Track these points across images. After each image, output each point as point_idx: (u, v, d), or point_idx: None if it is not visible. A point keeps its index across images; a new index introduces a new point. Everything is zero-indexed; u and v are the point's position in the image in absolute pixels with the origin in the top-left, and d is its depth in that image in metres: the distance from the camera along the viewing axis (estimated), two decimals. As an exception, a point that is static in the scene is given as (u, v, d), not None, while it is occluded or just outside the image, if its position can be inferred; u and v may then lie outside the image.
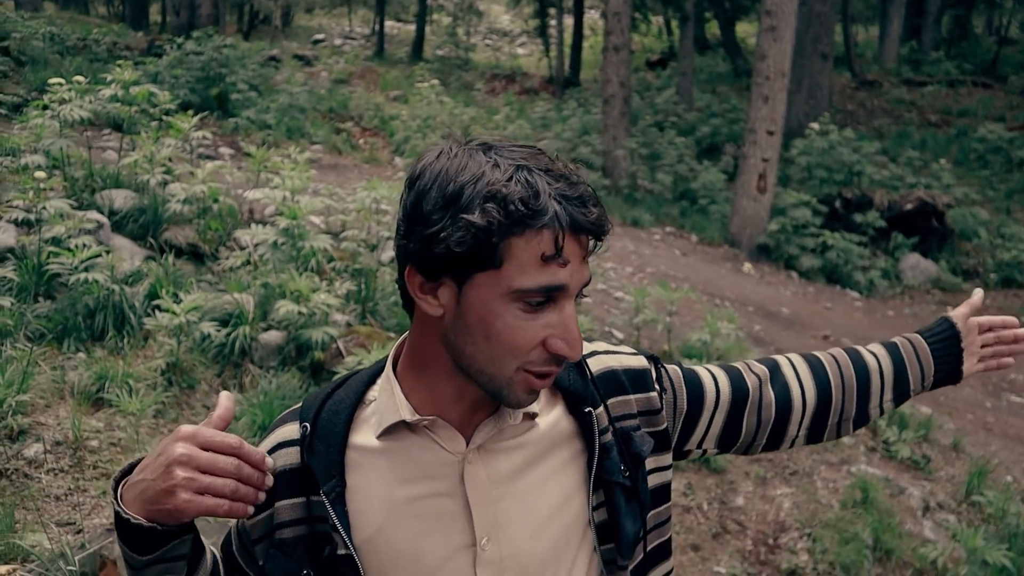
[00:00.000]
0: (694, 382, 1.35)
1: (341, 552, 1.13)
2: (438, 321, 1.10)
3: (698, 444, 1.37)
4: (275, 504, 1.17)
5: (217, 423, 1.04)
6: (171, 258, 5.04)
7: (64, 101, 5.55)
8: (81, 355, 4.25)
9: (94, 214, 5.03)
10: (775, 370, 1.42)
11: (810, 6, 13.67)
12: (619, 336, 6.01)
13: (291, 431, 1.19)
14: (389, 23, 27.00)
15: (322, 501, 1.14)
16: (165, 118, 6.22)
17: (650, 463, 1.26)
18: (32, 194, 4.65)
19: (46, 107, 5.56)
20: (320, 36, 25.72)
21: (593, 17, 26.58)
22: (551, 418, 1.22)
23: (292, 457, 1.17)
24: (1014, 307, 9.67)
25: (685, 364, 1.40)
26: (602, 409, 1.23)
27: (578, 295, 1.09)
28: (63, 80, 5.72)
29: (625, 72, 11.94)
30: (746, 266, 9.70)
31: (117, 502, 1.04)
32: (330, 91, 13.53)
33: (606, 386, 1.25)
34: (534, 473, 1.18)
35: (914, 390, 1.47)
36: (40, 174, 4.71)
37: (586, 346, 1.29)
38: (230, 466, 1.01)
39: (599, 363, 1.28)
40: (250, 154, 6.20)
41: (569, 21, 22.20)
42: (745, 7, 19.77)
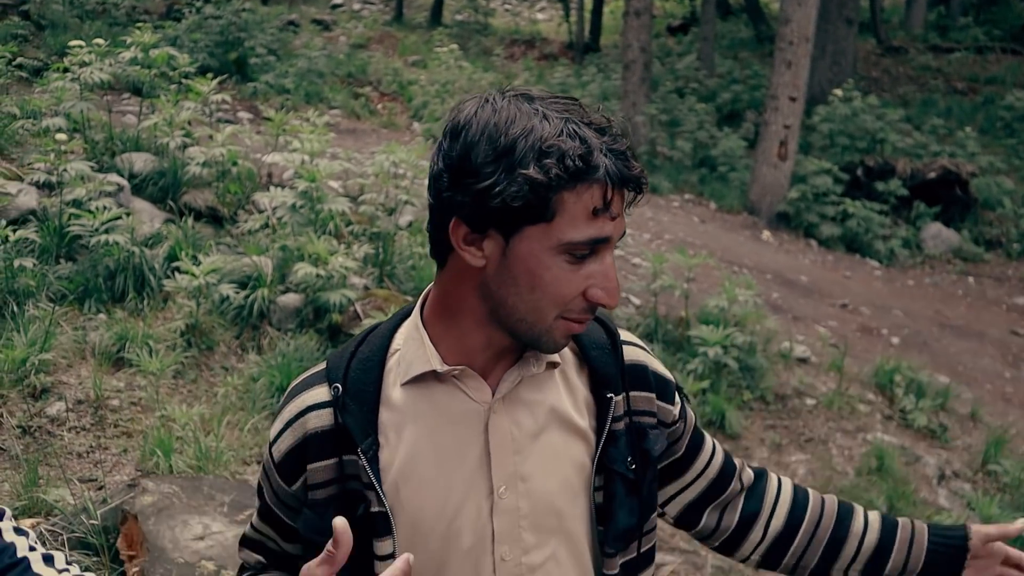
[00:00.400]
0: (699, 436, 1.38)
1: (375, 509, 1.15)
2: (477, 272, 1.11)
3: (666, 500, 1.39)
4: (306, 468, 1.19)
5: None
6: (190, 221, 5.07)
7: (84, 64, 5.56)
8: (102, 316, 4.30)
9: (114, 177, 5.06)
10: (757, 484, 1.43)
11: (835, -30, 13.44)
12: (636, 302, 6.00)
13: (320, 394, 1.20)
14: (408, -13, 26.75)
15: (355, 460, 1.16)
16: (184, 81, 6.22)
17: None
18: (53, 156, 4.68)
19: (66, 70, 5.58)
20: (339, 0, 25.56)
21: (614, -18, 26.25)
22: (577, 390, 1.24)
23: (324, 419, 1.18)
24: (1037, 277, 9.59)
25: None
26: (622, 398, 1.25)
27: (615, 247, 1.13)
28: (83, 43, 5.73)
29: (646, 37, 11.81)
30: (765, 234, 9.64)
31: None
32: (348, 56, 13.47)
33: (633, 377, 1.27)
34: (555, 434, 1.20)
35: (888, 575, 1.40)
36: (61, 136, 4.74)
37: (625, 335, 1.31)
38: None
39: (633, 354, 1.29)
40: (269, 118, 6.20)
41: (590, -14, 21.92)
42: (769, -29, 19.48)
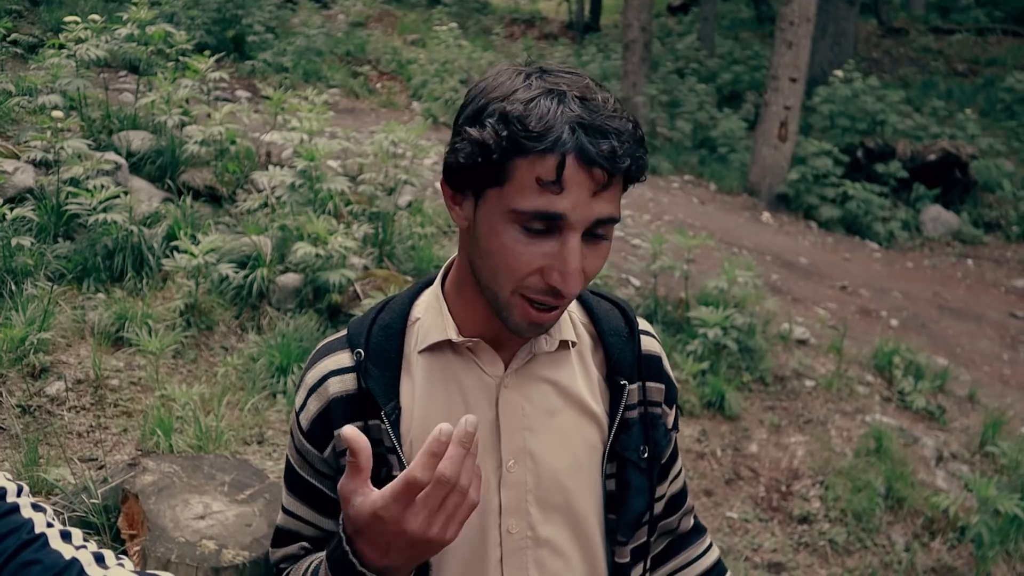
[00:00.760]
0: (676, 453, 1.38)
1: (396, 473, 1.15)
2: (466, 235, 1.13)
3: None
4: (333, 434, 1.19)
5: (365, 464, 0.98)
6: (189, 200, 5.04)
7: (80, 41, 5.52)
8: (101, 295, 4.29)
9: (112, 155, 5.02)
10: (687, 536, 1.44)
11: (837, -50, 13.36)
12: (636, 283, 5.99)
13: (342, 359, 1.21)
14: (407, -35, 26.58)
15: (378, 424, 1.17)
16: (182, 59, 6.17)
17: None
18: (50, 134, 4.64)
19: (62, 47, 5.53)
20: (337, -22, 25.34)
21: (614, -39, 26.07)
22: (592, 375, 1.25)
23: (348, 384, 1.19)
24: (1035, 260, 9.59)
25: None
26: (637, 387, 1.25)
27: (595, 233, 1.07)
28: (79, 19, 5.68)
29: (646, 17, 11.73)
30: (765, 215, 9.63)
31: None
32: (347, 34, 13.37)
33: (648, 368, 1.28)
34: (567, 415, 1.21)
35: None
36: (58, 114, 4.71)
37: (643, 324, 1.32)
38: (443, 485, 0.95)
39: (650, 345, 1.30)
40: (267, 97, 6.16)
41: (590, -36, 21.77)
42: (770, -49, 19.35)
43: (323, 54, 11.29)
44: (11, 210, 4.19)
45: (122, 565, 0.92)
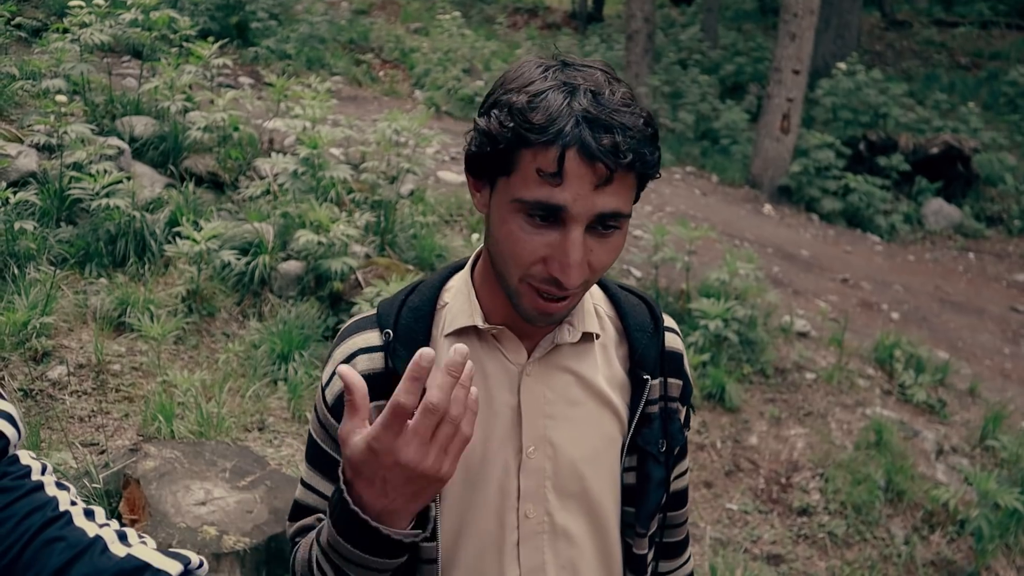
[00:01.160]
0: (684, 453, 1.39)
1: None
2: (486, 222, 1.16)
3: None
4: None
5: (361, 403, 0.98)
6: (191, 186, 5.04)
7: (84, 25, 5.50)
8: (103, 280, 4.29)
9: (115, 140, 5.01)
10: (669, 547, 1.43)
11: (842, -58, 13.31)
12: (637, 274, 5.99)
13: (371, 338, 1.23)
14: (410, -47, 26.45)
15: None
16: (185, 45, 6.16)
17: None
18: (53, 119, 4.64)
19: (66, 31, 5.51)
20: (340, -34, 25.26)
21: (618, -50, 25.96)
22: (615, 368, 1.26)
23: (375, 362, 1.21)
24: (1037, 255, 9.58)
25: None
26: (659, 382, 1.27)
27: (603, 226, 1.07)
28: (83, 4, 5.66)
29: (649, 8, 11.70)
30: (766, 207, 9.61)
31: (380, 534, 1.01)
32: (350, 22, 13.33)
33: (670, 364, 1.30)
34: (588, 405, 1.23)
35: None
36: (61, 99, 4.70)
37: (668, 321, 1.33)
38: (431, 413, 0.95)
39: (673, 342, 1.32)
40: (270, 84, 6.14)
41: (594, -46, 21.67)
42: (775, -58, 19.27)
43: (326, 41, 11.26)
44: (14, 194, 4.18)
45: (144, 543, 0.93)
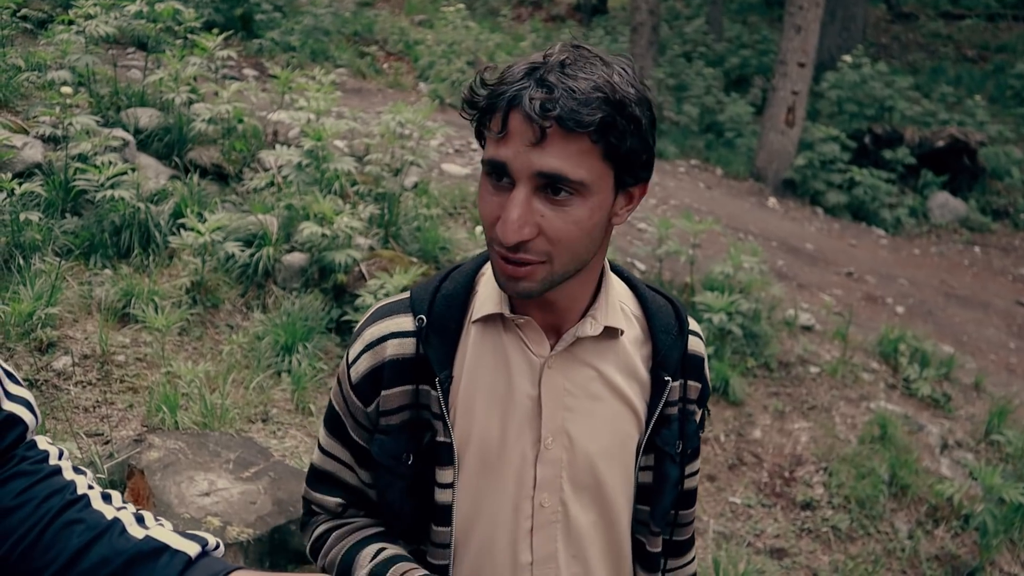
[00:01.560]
0: (697, 453, 1.39)
1: (440, 439, 1.20)
2: None
3: None
4: (380, 393, 1.22)
5: None
6: (196, 178, 5.04)
7: (89, 17, 5.49)
8: (107, 271, 4.29)
9: (120, 132, 5.01)
10: (674, 545, 1.42)
11: (848, -66, 13.25)
12: (641, 267, 5.98)
13: (404, 322, 1.24)
14: (415, -55, 26.38)
15: (428, 390, 1.20)
16: (190, 37, 6.15)
17: None
18: (59, 110, 4.64)
19: (71, 23, 5.51)
20: (345, -43, 25.17)
21: (623, -58, 25.86)
22: (637, 367, 1.27)
23: (406, 347, 1.22)
24: (1042, 249, 9.56)
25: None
26: (679, 384, 1.29)
27: (553, 190, 1.06)
28: (87, -5, 5.65)
29: (654, 0, 11.67)
30: (771, 201, 9.60)
31: None
32: (355, 14, 13.30)
33: (691, 367, 1.31)
34: (607, 402, 1.24)
35: None
36: (66, 90, 4.70)
37: (693, 324, 1.34)
38: None
39: (696, 345, 1.33)
40: (275, 76, 6.13)
41: (599, -54, 21.58)
42: (781, -66, 19.20)
43: (330, 34, 11.24)
44: (20, 185, 4.18)
45: (162, 525, 0.95)
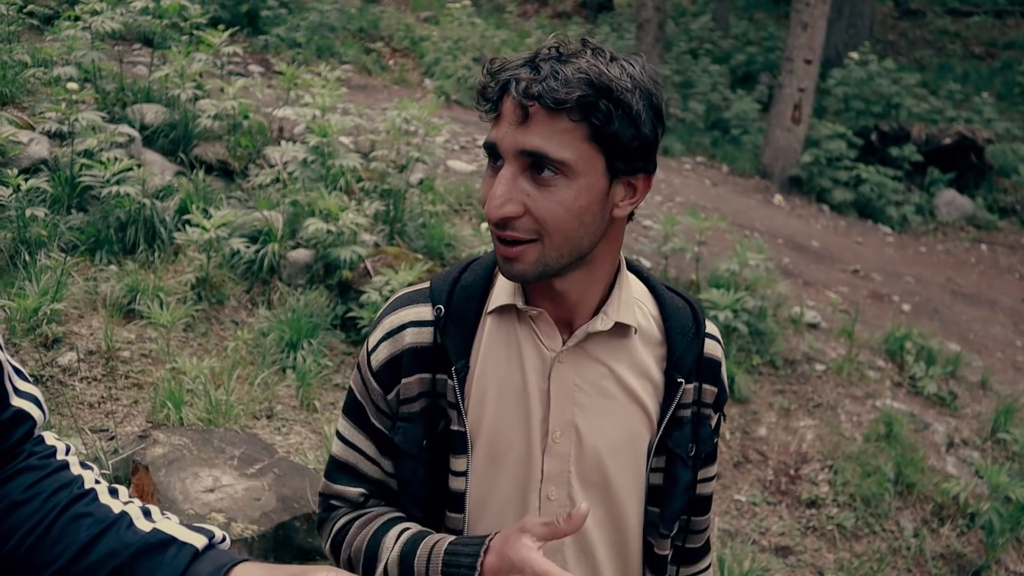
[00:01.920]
0: (712, 458, 1.38)
1: (455, 428, 1.21)
2: None
3: None
4: (401, 381, 1.23)
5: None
6: (201, 174, 5.04)
7: (95, 13, 5.49)
8: (113, 267, 4.30)
9: (125, 128, 5.02)
10: (691, 552, 1.41)
11: (856, -70, 13.20)
12: (647, 264, 5.97)
13: (423, 312, 1.25)
14: (421, -59, 26.37)
15: (445, 380, 1.21)
16: (196, 33, 6.15)
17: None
18: (65, 106, 4.64)
19: (77, 19, 5.51)
20: (350, -46, 25.14)
21: (630, -61, 25.80)
22: (651, 367, 1.26)
23: (424, 337, 1.23)
24: (1050, 247, 9.52)
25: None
26: (694, 387, 1.28)
27: (538, 169, 1.08)
28: (93, -9, 5.65)
29: (661, -4, 11.64)
30: (777, 198, 9.57)
31: None
32: (360, 10, 13.30)
33: (707, 370, 1.30)
34: (617, 400, 1.23)
35: None
36: (72, 86, 4.70)
37: (710, 327, 1.33)
38: None
39: (712, 349, 1.32)
40: (280, 72, 6.13)
41: (605, -58, 21.54)
42: (787, -69, 19.13)
43: (336, 30, 11.24)
44: (26, 180, 4.19)
45: (169, 519, 0.95)
